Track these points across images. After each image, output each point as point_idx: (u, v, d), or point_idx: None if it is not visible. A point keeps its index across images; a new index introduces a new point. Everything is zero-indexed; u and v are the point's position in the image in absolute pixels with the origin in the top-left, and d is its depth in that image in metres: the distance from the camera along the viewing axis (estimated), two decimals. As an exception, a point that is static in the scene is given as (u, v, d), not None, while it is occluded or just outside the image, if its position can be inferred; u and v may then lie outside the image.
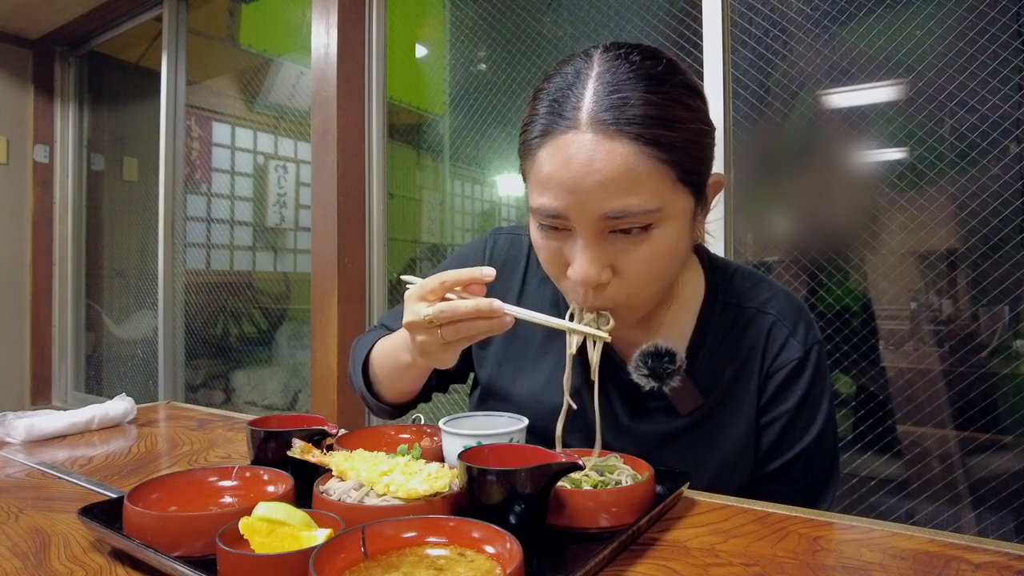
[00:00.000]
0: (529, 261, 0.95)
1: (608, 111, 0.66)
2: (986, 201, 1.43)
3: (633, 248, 0.70)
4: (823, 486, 0.85)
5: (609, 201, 0.66)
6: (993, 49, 1.40)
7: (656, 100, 0.66)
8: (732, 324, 0.85)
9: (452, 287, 0.71)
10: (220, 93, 3.46)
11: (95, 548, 0.65)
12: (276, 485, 0.70)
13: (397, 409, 0.98)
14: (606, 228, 0.69)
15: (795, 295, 0.89)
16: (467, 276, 0.70)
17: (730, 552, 0.63)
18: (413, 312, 0.72)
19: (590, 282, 0.70)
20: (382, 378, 0.92)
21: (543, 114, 0.70)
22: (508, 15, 2.21)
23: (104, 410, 1.21)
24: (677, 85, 0.68)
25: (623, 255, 0.71)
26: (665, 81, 0.68)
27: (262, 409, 3.19)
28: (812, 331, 0.84)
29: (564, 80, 0.70)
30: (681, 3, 1.79)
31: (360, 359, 0.95)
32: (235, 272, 3.40)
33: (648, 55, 0.70)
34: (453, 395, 2.35)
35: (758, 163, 1.72)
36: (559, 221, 0.70)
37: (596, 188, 0.66)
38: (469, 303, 0.68)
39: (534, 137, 0.70)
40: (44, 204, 3.76)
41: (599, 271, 0.70)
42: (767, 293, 0.86)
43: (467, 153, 2.50)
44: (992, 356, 1.46)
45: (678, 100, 0.68)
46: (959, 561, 0.60)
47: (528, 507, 0.60)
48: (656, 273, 0.73)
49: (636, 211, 0.67)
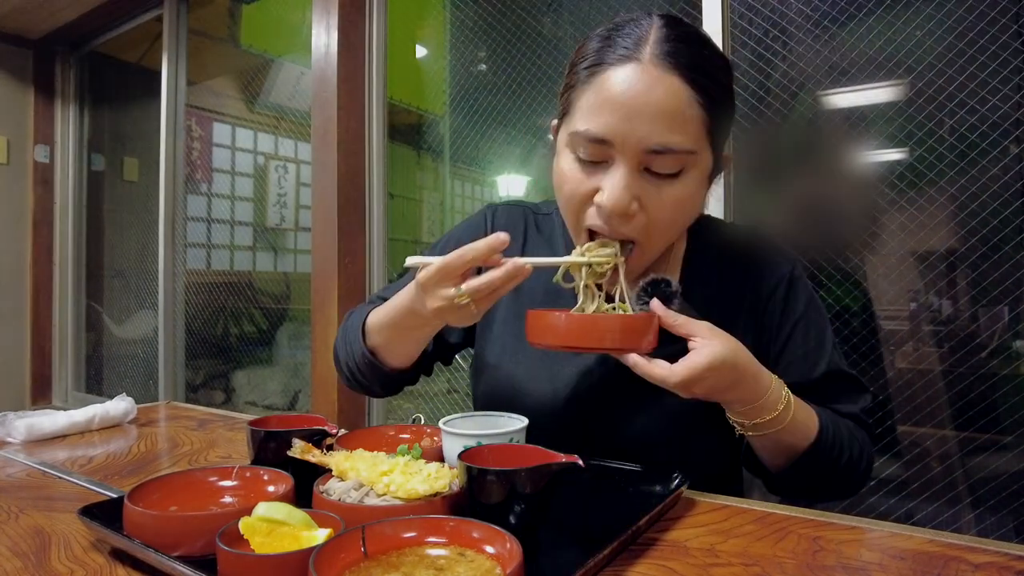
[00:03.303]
0: (527, 230, 0.99)
1: (670, 53, 0.72)
2: (986, 201, 1.43)
3: (662, 188, 0.75)
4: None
5: (657, 133, 0.72)
6: (993, 49, 1.40)
7: (708, 55, 0.75)
8: (717, 259, 0.92)
9: (475, 264, 0.71)
10: (220, 93, 3.46)
11: (95, 548, 0.65)
12: (276, 485, 0.70)
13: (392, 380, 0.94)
14: (643, 164, 0.74)
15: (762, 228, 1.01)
16: (487, 248, 0.70)
17: (730, 552, 0.63)
18: (440, 296, 0.72)
19: (619, 209, 0.74)
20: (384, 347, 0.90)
21: (600, 48, 0.75)
22: (508, 15, 2.21)
23: (104, 410, 1.21)
24: (720, 54, 0.78)
25: (651, 193, 0.75)
26: (712, 47, 0.77)
27: (262, 409, 3.19)
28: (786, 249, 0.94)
29: (621, 24, 0.76)
30: (681, 3, 1.79)
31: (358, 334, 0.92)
32: (235, 272, 3.40)
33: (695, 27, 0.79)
34: (453, 395, 2.35)
35: (758, 163, 1.72)
36: (600, 149, 0.74)
37: (649, 118, 0.71)
38: (500, 273, 0.70)
39: (591, 64, 0.75)
40: (44, 204, 3.75)
41: (630, 200, 0.74)
42: (741, 230, 0.98)
43: (467, 153, 2.50)
44: (992, 356, 1.46)
45: (721, 65, 0.77)
46: (959, 561, 0.60)
47: (528, 507, 0.60)
48: (675, 216, 0.78)
49: (676, 148, 0.72)
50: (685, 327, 0.73)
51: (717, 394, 0.74)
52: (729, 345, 0.72)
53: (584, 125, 0.74)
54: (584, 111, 0.75)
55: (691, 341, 0.73)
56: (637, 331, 0.72)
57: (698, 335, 0.72)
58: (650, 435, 0.88)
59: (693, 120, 0.73)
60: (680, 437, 0.88)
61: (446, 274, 0.71)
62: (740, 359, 0.73)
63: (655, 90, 0.71)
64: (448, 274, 0.71)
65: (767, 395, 0.75)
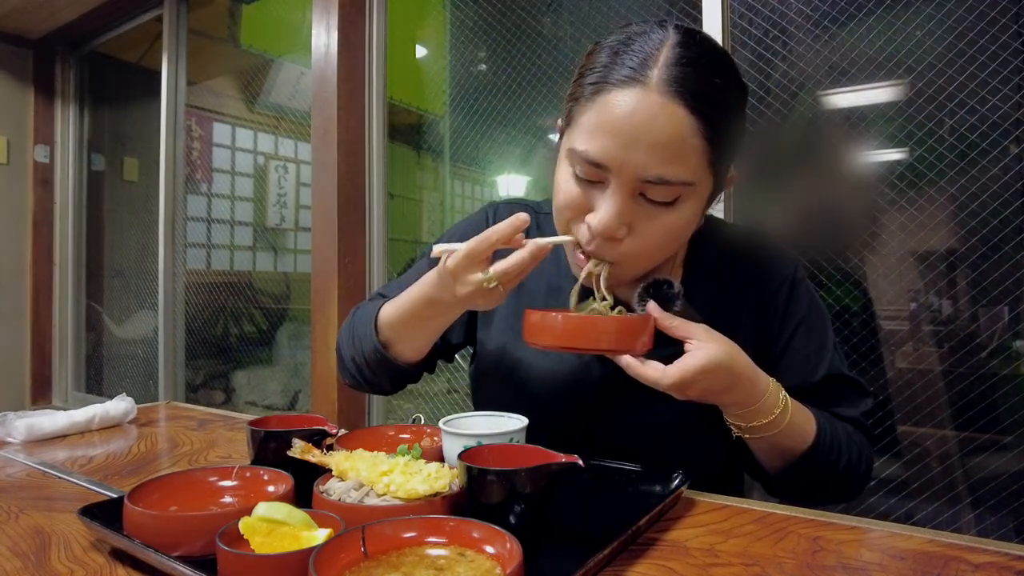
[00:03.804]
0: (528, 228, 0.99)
1: (678, 80, 0.69)
2: (986, 201, 1.43)
3: (655, 215, 0.74)
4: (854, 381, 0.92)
5: (655, 165, 0.69)
6: (993, 49, 1.40)
7: (719, 83, 0.71)
8: (718, 259, 0.91)
9: (500, 245, 0.72)
10: (220, 93, 3.46)
11: (95, 548, 0.65)
12: (276, 485, 0.70)
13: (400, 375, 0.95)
14: (637, 190, 0.72)
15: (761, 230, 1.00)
16: (511, 228, 0.71)
17: (730, 552, 0.63)
18: (469, 283, 0.73)
19: (608, 233, 0.73)
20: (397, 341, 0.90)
21: (610, 64, 0.72)
22: (508, 15, 2.21)
23: (104, 410, 1.21)
24: (735, 77, 0.74)
25: (643, 219, 0.74)
26: (728, 71, 0.73)
27: (262, 409, 3.19)
28: (788, 251, 0.93)
29: (633, 36, 0.73)
30: (681, 3, 1.79)
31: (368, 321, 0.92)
32: (235, 272, 3.40)
33: (716, 44, 0.75)
34: (453, 395, 2.35)
35: (758, 163, 1.72)
36: (596, 171, 0.73)
37: (647, 148, 0.69)
38: (526, 254, 0.71)
39: (596, 81, 0.72)
40: (44, 204, 3.75)
41: (619, 225, 0.73)
42: (742, 231, 0.97)
43: (467, 153, 2.50)
44: (992, 356, 1.46)
45: (733, 91, 0.74)
46: (959, 561, 0.60)
47: (528, 507, 0.60)
48: (666, 243, 0.77)
49: (673, 180, 0.70)
50: (681, 329, 0.73)
51: (712, 396, 0.74)
52: (725, 348, 0.72)
53: (583, 146, 0.72)
54: (584, 130, 0.73)
55: (687, 343, 0.73)
56: (632, 333, 0.72)
57: (694, 337, 0.72)
58: (650, 435, 0.88)
59: (694, 151, 0.70)
60: (680, 437, 0.88)
61: (473, 259, 0.72)
62: (736, 362, 0.72)
63: (657, 119, 0.68)
64: (475, 259, 0.72)
65: (764, 398, 0.75)
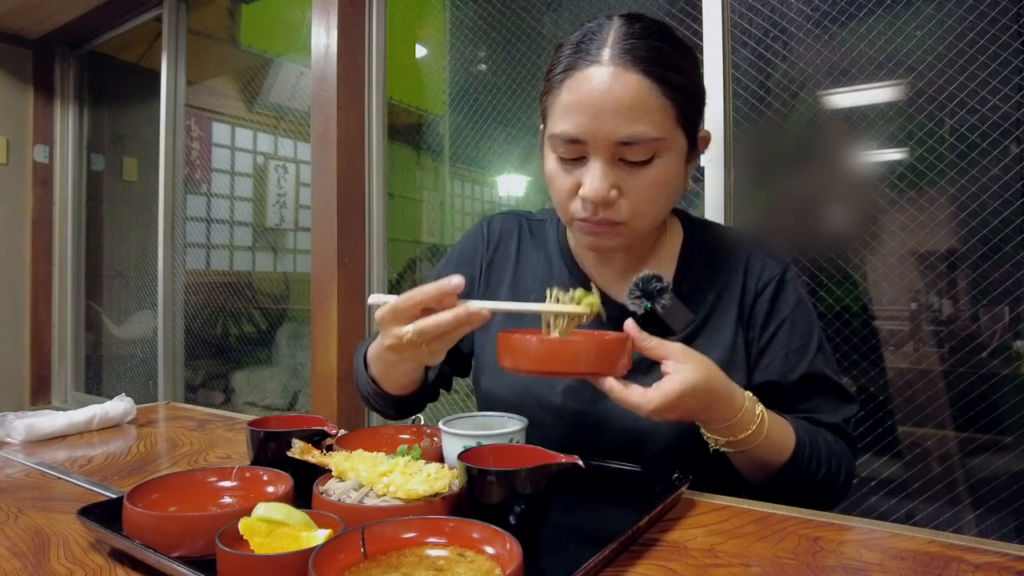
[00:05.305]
0: (521, 237, 1.04)
1: (627, 51, 0.78)
2: (986, 201, 1.43)
3: (637, 174, 0.80)
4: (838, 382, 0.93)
5: (623, 126, 0.77)
6: (993, 49, 1.40)
7: (665, 48, 0.79)
8: (710, 258, 0.95)
9: (424, 305, 0.72)
10: (220, 93, 3.46)
11: (95, 548, 0.65)
12: (276, 485, 0.70)
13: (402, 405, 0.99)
14: (616, 155, 0.79)
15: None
16: (437, 291, 0.71)
17: (730, 553, 0.63)
18: (393, 336, 0.73)
19: (599, 198, 0.79)
20: (381, 377, 0.94)
21: (569, 55, 0.81)
22: (508, 15, 2.21)
23: (104, 410, 1.21)
24: (679, 43, 0.83)
25: (628, 179, 0.80)
26: (671, 38, 0.82)
27: (262, 409, 3.19)
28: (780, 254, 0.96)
29: (587, 30, 0.82)
30: (681, 3, 1.79)
31: (361, 364, 0.97)
32: (235, 272, 3.40)
33: (658, 20, 0.84)
34: (453, 396, 2.35)
35: (758, 163, 1.72)
36: (576, 147, 0.80)
37: (613, 114, 0.76)
38: (449, 316, 0.71)
39: (561, 72, 0.81)
40: (44, 204, 3.75)
41: (608, 188, 0.79)
42: (738, 233, 1.01)
43: (467, 153, 2.50)
44: (992, 357, 1.46)
45: (681, 54, 0.81)
46: (959, 562, 0.60)
47: (528, 507, 0.60)
48: (655, 196, 0.82)
49: (643, 138, 0.77)
50: (658, 350, 0.73)
51: (691, 415, 0.75)
52: (702, 368, 0.72)
53: (559, 128, 0.80)
54: (558, 114, 0.81)
55: (664, 364, 0.73)
56: (611, 354, 0.70)
57: (671, 358, 0.72)
58: (650, 435, 0.88)
59: (658, 109, 0.78)
60: (680, 437, 0.88)
61: (398, 314, 0.73)
62: (713, 381, 0.73)
63: (616, 87, 0.76)
64: (400, 315, 0.72)
65: (740, 414, 0.76)
